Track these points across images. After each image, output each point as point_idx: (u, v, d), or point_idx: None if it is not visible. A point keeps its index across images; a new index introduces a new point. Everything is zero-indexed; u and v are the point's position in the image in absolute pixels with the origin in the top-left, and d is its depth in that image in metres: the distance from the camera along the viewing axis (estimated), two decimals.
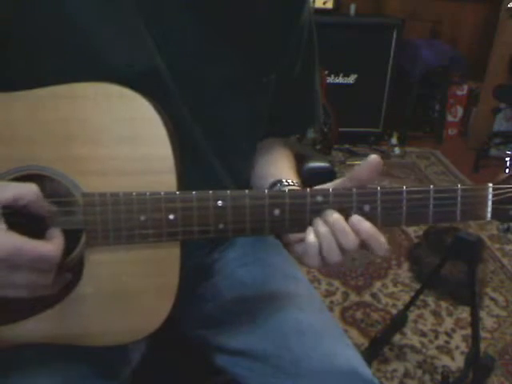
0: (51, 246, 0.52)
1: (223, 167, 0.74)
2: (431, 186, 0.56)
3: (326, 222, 0.55)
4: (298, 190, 0.66)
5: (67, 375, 0.63)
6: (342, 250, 0.55)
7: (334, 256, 0.55)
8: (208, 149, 0.71)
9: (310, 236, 0.55)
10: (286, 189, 0.67)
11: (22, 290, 0.52)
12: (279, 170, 0.77)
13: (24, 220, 0.54)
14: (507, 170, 0.57)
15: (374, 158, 0.54)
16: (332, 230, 0.54)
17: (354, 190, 0.56)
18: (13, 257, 0.49)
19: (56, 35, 0.58)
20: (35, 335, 0.58)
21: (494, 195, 0.56)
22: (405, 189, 0.56)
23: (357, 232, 0.55)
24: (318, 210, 0.56)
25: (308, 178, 0.86)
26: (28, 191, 0.52)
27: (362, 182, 0.56)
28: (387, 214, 0.56)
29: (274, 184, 0.71)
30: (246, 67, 0.69)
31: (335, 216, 0.54)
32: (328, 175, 1.05)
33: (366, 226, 0.54)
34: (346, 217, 0.55)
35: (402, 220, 0.57)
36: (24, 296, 0.52)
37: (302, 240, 0.58)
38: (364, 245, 0.55)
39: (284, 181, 0.70)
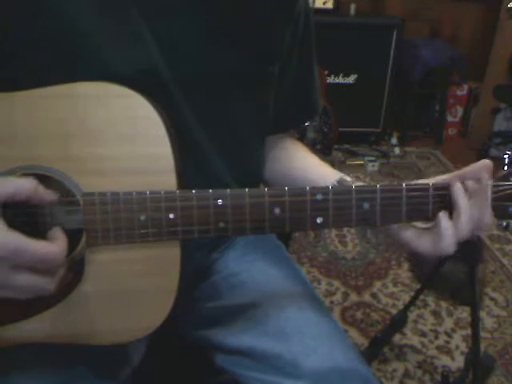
0: (55, 247, 0.51)
1: (226, 167, 0.73)
2: (430, 184, 0.56)
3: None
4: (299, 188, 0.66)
5: (67, 375, 0.63)
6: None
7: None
8: (211, 148, 0.70)
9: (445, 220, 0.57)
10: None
11: (22, 291, 0.51)
12: (324, 167, 0.77)
13: (25, 220, 0.53)
14: (506, 168, 0.57)
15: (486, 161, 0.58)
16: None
17: (354, 187, 0.56)
18: (14, 256, 0.48)
19: (56, 35, 0.58)
20: (36, 334, 0.58)
21: (492, 192, 0.56)
22: (404, 186, 0.56)
23: None
24: (318, 208, 0.56)
25: None
26: (28, 184, 0.51)
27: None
28: (386, 212, 0.56)
29: (339, 182, 0.70)
30: (248, 60, 0.69)
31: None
32: None
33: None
34: None
35: (402, 217, 0.57)
36: (24, 298, 0.52)
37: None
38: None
39: (347, 179, 0.70)
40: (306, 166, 0.79)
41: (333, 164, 2.77)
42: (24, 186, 0.51)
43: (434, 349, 1.62)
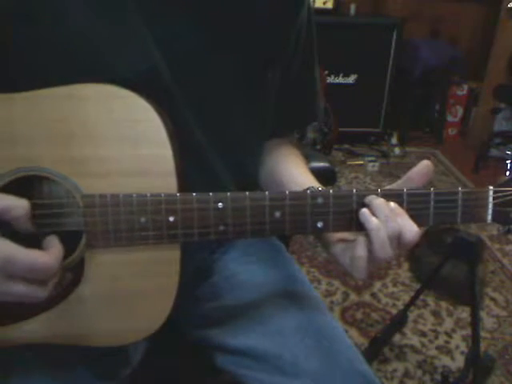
0: (48, 257, 0.50)
1: (227, 169, 0.73)
2: (432, 189, 0.56)
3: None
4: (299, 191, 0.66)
5: (67, 376, 0.63)
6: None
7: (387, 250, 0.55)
8: (211, 150, 0.70)
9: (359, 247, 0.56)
10: None
11: (16, 298, 0.51)
12: (303, 173, 0.77)
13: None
14: (507, 173, 0.57)
15: (424, 163, 0.55)
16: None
17: (354, 191, 0.56)
18: (6, 266, 0.48)
19: (55, 36, 0.58)
20: (35, 335, 0.58)
21: (494, 198, 0.56)
22: (405, 191, 0.56)
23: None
24: (318, 213, 0.56)
25: None
26: (17, 206, 0.51)
27: (413, 185, 0.56)
28: None
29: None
30: (249, 62, 0.69)
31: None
32: (328, 175, 1.06)
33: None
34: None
35: None
36: (22, 302, 0.52)
37: (342, 240, 0.60)
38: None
39: (317, 188, 0.68)
40: (288, 173, 0.78)
41: (333, 164, 2.77)
42: (14, 207, 0.51)
43: (434, 349, 1.62)
